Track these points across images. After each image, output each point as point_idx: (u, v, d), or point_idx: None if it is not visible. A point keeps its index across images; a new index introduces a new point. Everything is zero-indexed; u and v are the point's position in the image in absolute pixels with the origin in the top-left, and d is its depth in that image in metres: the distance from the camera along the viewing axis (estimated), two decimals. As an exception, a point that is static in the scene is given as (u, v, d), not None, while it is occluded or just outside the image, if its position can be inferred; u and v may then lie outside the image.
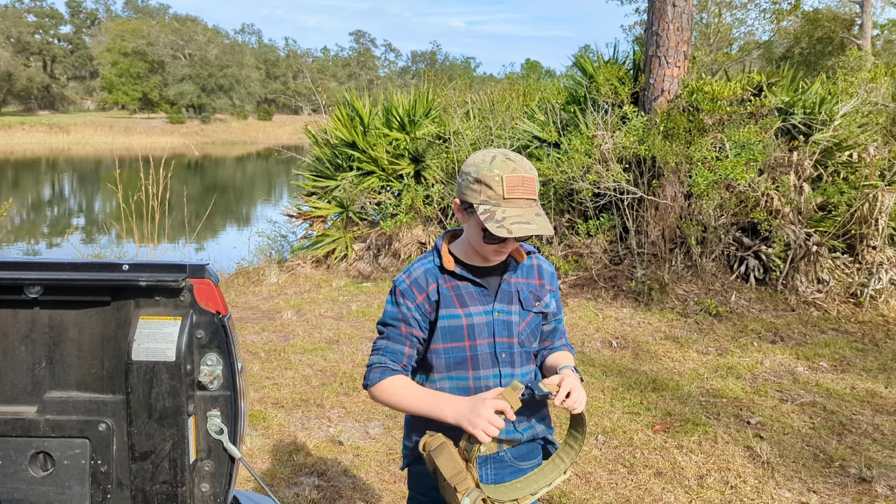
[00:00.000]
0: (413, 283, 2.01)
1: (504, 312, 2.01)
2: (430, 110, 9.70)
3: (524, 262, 2.08)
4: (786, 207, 6.81)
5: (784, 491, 3.59)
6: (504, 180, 1.83)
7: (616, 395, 4.83)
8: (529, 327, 2.05)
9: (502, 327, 2.00)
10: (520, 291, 2.04)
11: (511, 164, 1.85)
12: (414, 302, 1.99)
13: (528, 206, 1.85)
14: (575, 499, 3.54)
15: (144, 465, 1.67)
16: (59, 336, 1.69)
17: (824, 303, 6.68)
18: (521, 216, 1.82)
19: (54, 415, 1.67)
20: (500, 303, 2.01)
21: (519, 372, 2.04)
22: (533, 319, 2.06)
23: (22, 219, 17.40)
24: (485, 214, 1.83)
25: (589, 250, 7.55)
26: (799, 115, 7.48)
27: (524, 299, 2.04)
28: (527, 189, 1.84)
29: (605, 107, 7.84)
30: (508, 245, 1.93)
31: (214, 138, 56.05)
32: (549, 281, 2.12)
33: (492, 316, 2.00)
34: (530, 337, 2.06)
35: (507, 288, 2.03)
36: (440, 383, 2.03)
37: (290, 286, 8.03)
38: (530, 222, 1.82)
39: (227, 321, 1.69)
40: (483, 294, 2.01)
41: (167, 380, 1.63)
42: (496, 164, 1.85)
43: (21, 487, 1.68)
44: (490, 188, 1.83)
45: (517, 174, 1.84)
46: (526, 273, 2.08)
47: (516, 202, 1.83)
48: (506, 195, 1.83)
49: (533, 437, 2.09)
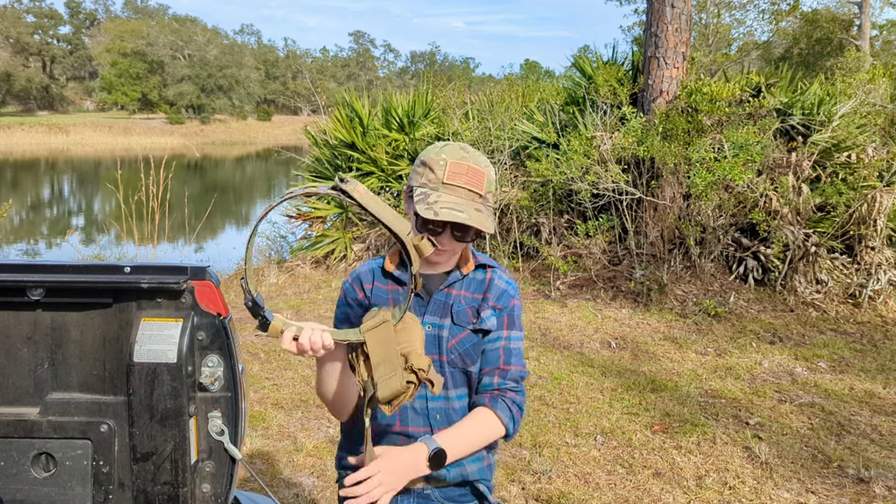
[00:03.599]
0: (355, 280, 1.91)
1: (434, 326, 1.82)
2: (429, 111, 9.71)
3: (471, 273, 1.88)
4: (784, 208, 6.83)
5: (782, 491, 3.60)
6: (448, 165, 1.71)
7: (615, 396, 4.84)
8: (462, 346, 1.82)
9: (430, 342, 1.80)
10: (454, 304, 1.84)
11: (462, 153, 1.73)
12: (355, 299, 1.88)
13: (468, 197, 1.70)
14: (574, 499, 3.55)
15: (146, 466, 1.68)
16: (62, 338, 1.70)
17: (823, 303, 6.70)
18: (455, 204, 1.68)
19: (56, 416, 1.68)
20: (431, 315, 1.83)
21: (454, 395, 1.84)
22: (467, 337, 1.83)
23: (21, 219, 17.40)
24: (419, 196, 1.70)
25: (588, 251, 7.56)
26: (797, 115, 7.50)
27: (457, 313, 1.83)
28: (471, 179, 1.71)
29: (603, 107, 7.86)
30: (446, 241, 1.75)
31: (214, 139, 56.07)
32: (497, 297, 1.87)
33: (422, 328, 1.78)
34: (464, 357, 1.82)
35: (442, 299, 1.84)
36: None
37: (290, 287, 8.04)
38: (463, 211, 1.67)
39: (228, 323, 1.70)
40: (417, 303, 1.84)
41: (168, 381, 1.64)
42: (446, 150, 1.74)
43: (23, 488, 1.69)
44: (432, 171, 1.71)
45: (464, 162, 1.72)
46: (473, 287, 1.88)
47: (456, 189, 1.70)
48: (445, 179, 1.70)
49: (463, 479, 1.85)
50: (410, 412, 1.81)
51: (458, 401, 1.84)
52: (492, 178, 1.77)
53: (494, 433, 1.80)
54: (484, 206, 1.74)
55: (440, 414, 1.82)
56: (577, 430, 4.32)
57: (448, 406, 1.82)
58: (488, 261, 1.92)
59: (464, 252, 1.89)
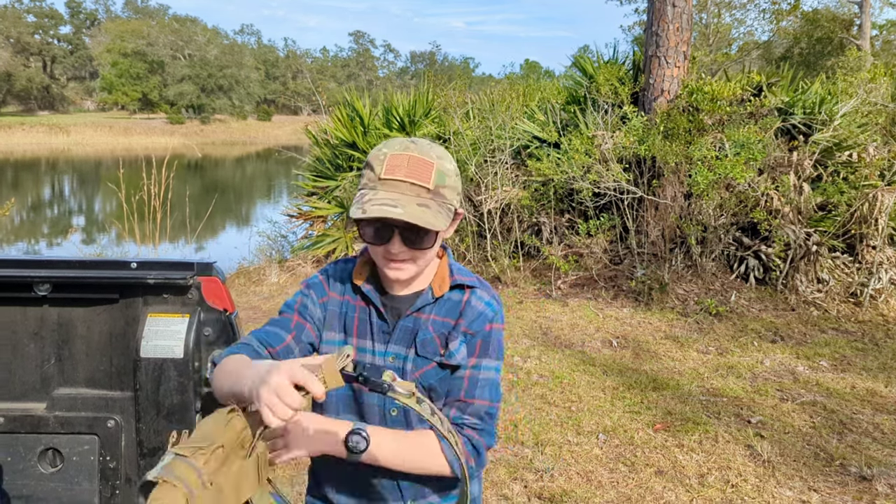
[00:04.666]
0: (325, 279, 1.67)
1: (399, 357, 1.59)
2: (429, 110, 9.73)
3: (446, 294, 1.62)
4: (786, 207, 6.83)
5: (785, 489, 3.60)
6: (387, 158, 1.48)
7: (616, 395, 4.84)
8: (426, 380, 1.58)
9: None
10: (419, 332, 1.59)
11: (407, 145, 1.50)
12: (321, 298, 1.64)
13: (411, 192, 1.46)
14: (576, 497, 3.55)
15: (153, 462, 1.69)
16: (68, 333, 1.70)
17: (824, 302, 6.70)
18: (392, 200, 1.44)
19: (63, 411, 1.69)
20: (395, 344, 1.60)
21: None
22: (432, 371, 1.58)
23: (22, 219, 17.41)
24: (356, 199, 1.49)
25: (589, 250, 7.56)
26: (799, 115, 7.50)
27: (422, 342, 1.58)
28: (413, 171, 1.46)
29: (604, 107, 7.86)
30: (397, 249, 1.50)
31: (214, 139, 56.07)
32: (470, 322, 1.60)
33: (384, 360, 1.59)
34: (429, 391, 1.59)
35: (409, 325, 1.60)
36: None
37: (291, 286, 8.05)
38: (398, 206, 1.43)
39: (234, 318, 1.71)
40: (382, 329, 1.61)
41: (175, 377, 1.65)
42: (389, 144, 1.52)
43: (30, 484, 1.70)
44: (372, 169, 1.49)
45: (406, 153, 1.48)
46: (445, 310, 1.61)
47: (394, 184, 1.46)
48: (382, 174, 1.47)
49: None
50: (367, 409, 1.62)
51: None
52: (446, 171, 1.51)
53: (433, 463, 1.55)
54: (434, 202, 1.48)
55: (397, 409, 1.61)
56: (579, 429, 4.32)
57: None
58: (468, 279, 1.64)
59: (440, 270, 1.65)
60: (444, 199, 1.50)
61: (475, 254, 8.06)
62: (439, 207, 1.49)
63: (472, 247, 8.07)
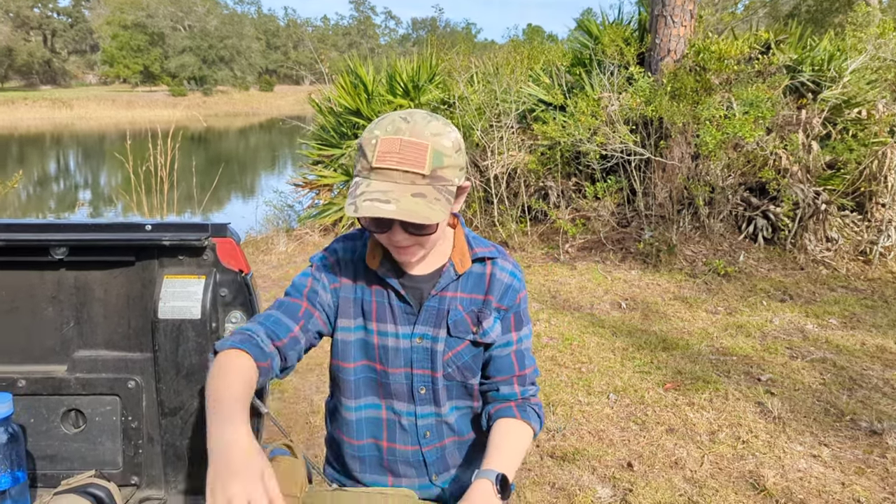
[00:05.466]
0: (336, 263, 1.61)
1: (427, 338, 1.57)
2: (434, 76, 9.64)
3: (468, 269, 1.59)
4: (794, 166, 6.79)
5: (795, 445, 3.63)
6: (378, 143, 1.38)
7: (626, 355, 4.87)
8: (460, 359, 1.59)
9: (423, 356, 1.58)
10: (451, 312, 1.57)
11: (399, 124, 1.39)
12: (332, 284, 1.59)
13: (405, 181, 1.37)
14: (588, 455, 3.59)
15: (174, 421, 1.71)
16: (86, 296, 1.72)
17: (833, 261, 6.69)
18: (385, 192, 1.36)
19: (84, 373, 1.71)
20: (423, 325, 1.57)
21: (447, 409, 1.63)
22: (466, 350, 1.59)
23: (28, 194, 17.44)
24: (350, 189, 1.41)
25: (596, 213, 7.55)
26: (807, 72, 7.42)
27: (454, 323, 1.57)
28: (405, 158, 1.36)
29: (610, 68, 7.78)
30: (401, 238, 1.45)
31: (217, 110, 55.81)
32: (500, 297, 1.59)
33: (411, 341, 1.57)
34: (463, 370, 1.61)
35: (435, 305, 1.57)
36: (347, 414, 1.64)
37: (300, 254, 8.07)
38: (390, 201, 1.34)
39: (250, 279, 1.72)
40: (405, 311, 1.57)
41: (193, 337, 1.67)
42: (381, 125, 1.40)
43: (54, 444, 1.73)
44: (364, 155, 1.39)
45: (397, 137, 1.37)
46: (471, 285, 1.59)
47: (387, 173, 1.37)
48: (374, 163, 1.37)
49: (462, 490, 1.57)
50: (399, 430, 1.63)
51: (452, 414, 1.65)
52: (443, 150, 1.40)
53: (529, 441, 1.61)
54: (432, 188, 1.39)
55: (430, 431, 1.64)
56: (590, 389, 4.35)
57: (440, 421, 1.64)
58: (487, 250, 1.61)
59: (458, 243, 1.60)
60: (444, 181, 1.40)
61: (482, 219, 8.06)
62: (438, 193, 1.39)
63: (479, 212, 8.06)
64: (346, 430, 1.67)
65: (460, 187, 1.48)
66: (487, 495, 1.39)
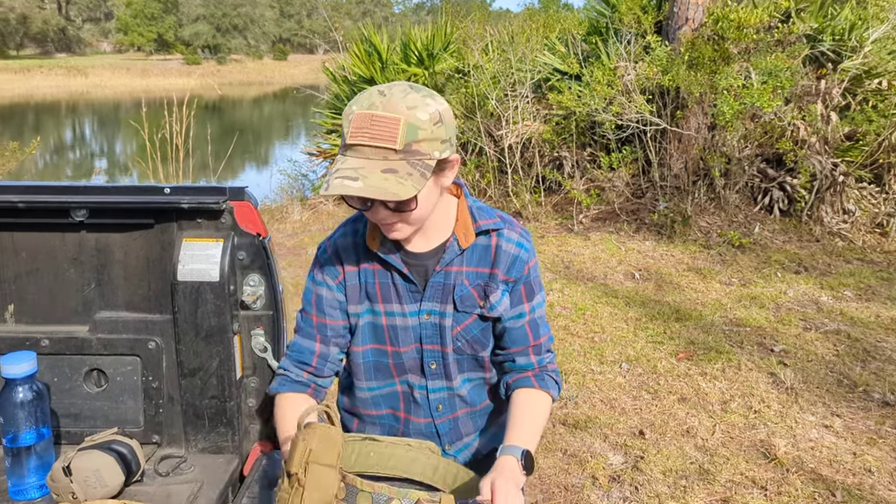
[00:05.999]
0: (334, 253, 1.60)
1: (434, 314, 1.57)
2: (448, 44, 9.57)
3: (473, 242, 1.56)
4: (812, 137, 6.71)
5: (807, 415, 3.65)
6: (352, 119, 1.36)
7: (639, 325, 4.88)
8: (469, 333, 1.59)
9: (432, 332, 1.58)
10: (457, 287, 1.55)
11: (375, 98, 1.36)
12: (335, 279, 1.60)
13: (377, 156, 1.34)
14: (600, 423, 3.62)
15: (193, 381, 1.74)
16: (106, 258, 1.74)
17: (849, 233, 6.64)
18: (355, 169, 1.33)
19: (105, 334, 1.74)
20: (429, 301, 1.56)
21: (458, 382, 1.64)
22: (474, 324, 1.59)
23: (45, 162, 17.54)
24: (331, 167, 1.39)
25: (611, 184, 7.52)
26: (827, 41, 7.30)
27: (460, 298, 1.56)
28: (376, 133, 1.33)
29: (627, 37, 7.69)
30: (383, 214, 1.43)
31: (230, 79, 55.62)
32: (507, 269, 1.57)
33: (418, 318, 1.57)
34: (472, 344, 1.61)
35: (441, 280, 1.55)
36: (361, 394, 1.67)
37: (314, 223, 8.10)
38: (358, 178, 1.31)
39: (268, 243, 1.74)
40: (410, 290, 1.57)
41: (212, 299, 1.69)
42: (359, 99, 1.38)
43: (77, 402, 1.77)
44: (343, 131, 1.38)
45: (371, 112, 1.34)
46: (476, 258, 1.57)
47: (360, 150, 1.34)
48: (347, 140, 1.36)
49: (475, 457, 1.72)
50: (412, 403, 1.65)
51: (464, 386, 1.65)
52: (419, 123, 1.35)
53: (549, 409, 1.63)
54: (405, 163, 1.35)
55: (442, 404, 1.65)
56: (603, 358, 4.38)
57: (452, 394, 1.65)
58: (491, 222, 1.58)
59: (461, 215, 1.57)
60: (420, 155, 1.36)
61: (496, 189, 8.04)
62: (411, 168, 1.34)
63: (494, 182, 8.04)
64: (362, 405, 1.71)
65: (446, 160, 1.43)
66: (514, 472, 1.40)
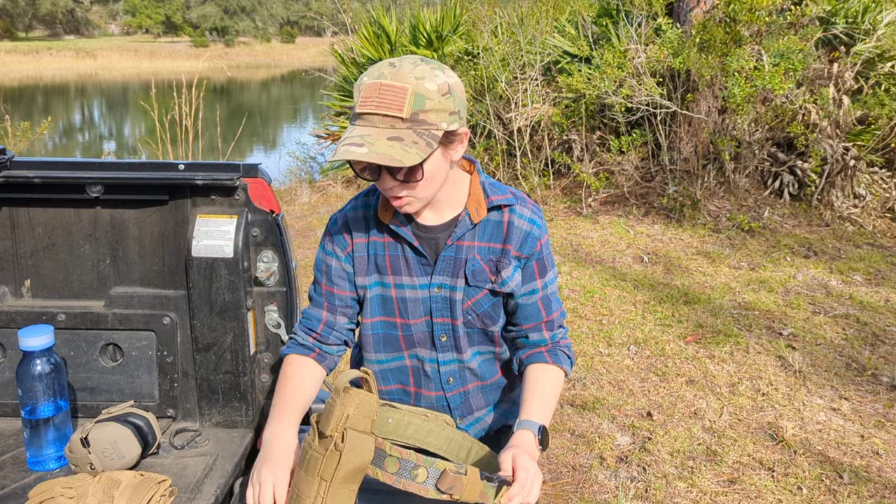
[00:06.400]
0: (344, 225, 1.63)
1: (445, 287, 1.58)
2: (457, 26, 9.52)
3: (485, 218, 1.57)
4: (824, 121, 6.67)
5: (815, 398, 3.65)
6: (362, 89, 1.39)
7: (648, 308, 4.88)
8: (480, 307, 1.61)
9: (442, 305, 1.60)
10: (469, 260, 1.57)
11: (385, 69, 1.39)
12: (344, 250, 1.62)
13: (384, 125, 1.37)
14: (608, 404, 3.63)
15: (208, 356, 1.76)
16: (121, 234, 1.76)
17: (860, 217, 6.61)
18: (362, 136, 1.36)
19: (121, 309, 1.75)
20: (440, 274, 1.58)
21: (469, 355, 1.65)
22: (485, 298, 1.60)
23: (55, 143, 17.58)
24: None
25: (620, 167, 7.49)
26: (841, 24, 7.24)
27: (472, 272, 1.57)
28: (383, 101, 1.36)
29: (638, 19, 7.64)
30: (389, 184, 1.44)
31: (238, 62, 55.53)
32: (520, 245, 1.58)
33: (429, 291, 1.59)
34: (483, 318, 1.62)
35: (452, 254, 1.57)
36: (370, 367, 1.69)
37: (323, 205, 8.12)
38: (364, 145, 1.34)
39: (281, 220, 1.75)
40: (420, 262, 1.58)
41: (226, 275, 1.70)
42: (371, 70, 1.41)
43: (93, 376, 1.79)
44: (354, 100, 1.41)
45: (379, 81, 1.37)
46: (488, 233, 1.58)
47: (368, 118, 1.38)
48: (357, 108, 1.39)
49: (486, 432, 1.75)
50: (423, 376, 1.68)
51: (475, 359, 1.67)
52: (427, 93, 1.37)
53: (562, 384, 1.65)
54: (411, 131, 1.37)
55: (453, 377, 1.67)
56: (611, 341, 4.39)
57: (462, 367, 1.67)
58: (504, 197, 1.59)
59: (473, 190, 1.58)
60: (427, 125, 1.38)
61: (505, 172, 8.03)
62: (416, 136, 1.36)
63: (502, 165, 8.03)
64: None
65: (455, 133, 1.44)
66: (530, 447, 1.44)
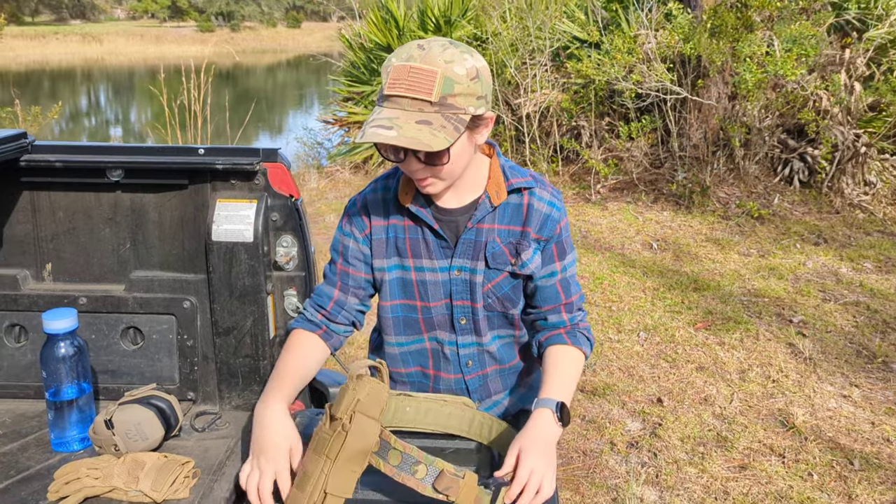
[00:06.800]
0: (363, 207, 1.64)
1: (465, 270, 1.59)
2: (466, 11, 9.47)
3: (505, 200, 1.58)
4: (835, 107, 6.63)
5: (826, 385, 3.66)
6: (391, 71, 1.39)
7: (657, 295, 4.88)
8: (500, 290, 1.61)
9: (462, 288, 1.60)
10: (488, 244, 1.57)
11: (414, 52, 1.38)
12: (362, 231, 1.63)
13: (413, 108, 1.36)
14: (618, 390, 3.64)
15: (228, 340, 1.77)
16: (141, 218, 1.77)
17: (870, 205, 6.59)
18: (391, 119, 1.36)
19: (141, 293, 1.77)
20: (460, 257, 1.58)
21: (488, 338, 1.66)
22: (505, 281, 1.60)
23: (62, 129, 17.60)
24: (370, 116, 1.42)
25: (629, 154, 7.47)
26: (853, 9, 7.18)
27: (492, 255, 1.57)
28: (413, 85, 1.35)
29: (648, 4, 7.59)
30: (414, 167, 1.45)
31: (244, 46, 55.32)
32: (539, 227, 1.58)
33: (449, 274, 1.59)
34: (503, 301, 1.63)
35: (472, 237, 1.57)
36: (390, 349, 1.70)
37: (331, 191, 8.12)
38: (392, 128, 1.34)
39: (300, 205, 1.76)
40: (440, 245, 1.59)
41: (246, 260, 1.71)
42: (399, 52, 1.41)
43: (114, 359, 1.80)
44: (381, 84, 1.41)
45: (408, 64, 1.36)
46: (508, 216, 1.58)
47: (396, 100, 1.37)
48: (385, 90, 1.39)
49: (504, 416, 1.75)
50: (442, 359, 1.68)
51: (494, 342, 1.68)
52: (456, 77, 1.37)
53: (582, 365, 1.64)
54: (439, 115, 1.37)
55: (472, 360, 1.68)
56: (620, 327, 4.39)
57: (481, 350, 1.67)
58: (524, 180, 1.59)
59: (493, 173, 1.58)
60: (455, 109, 1.38)
61: (513, 158, 8.02)
62: (445, 121, 1.37)
63: (511, 151, 8.02)
64: (391, 363, 1.73)
65: (481, 117, 1.45)
66: (549, 423, 1.45)
